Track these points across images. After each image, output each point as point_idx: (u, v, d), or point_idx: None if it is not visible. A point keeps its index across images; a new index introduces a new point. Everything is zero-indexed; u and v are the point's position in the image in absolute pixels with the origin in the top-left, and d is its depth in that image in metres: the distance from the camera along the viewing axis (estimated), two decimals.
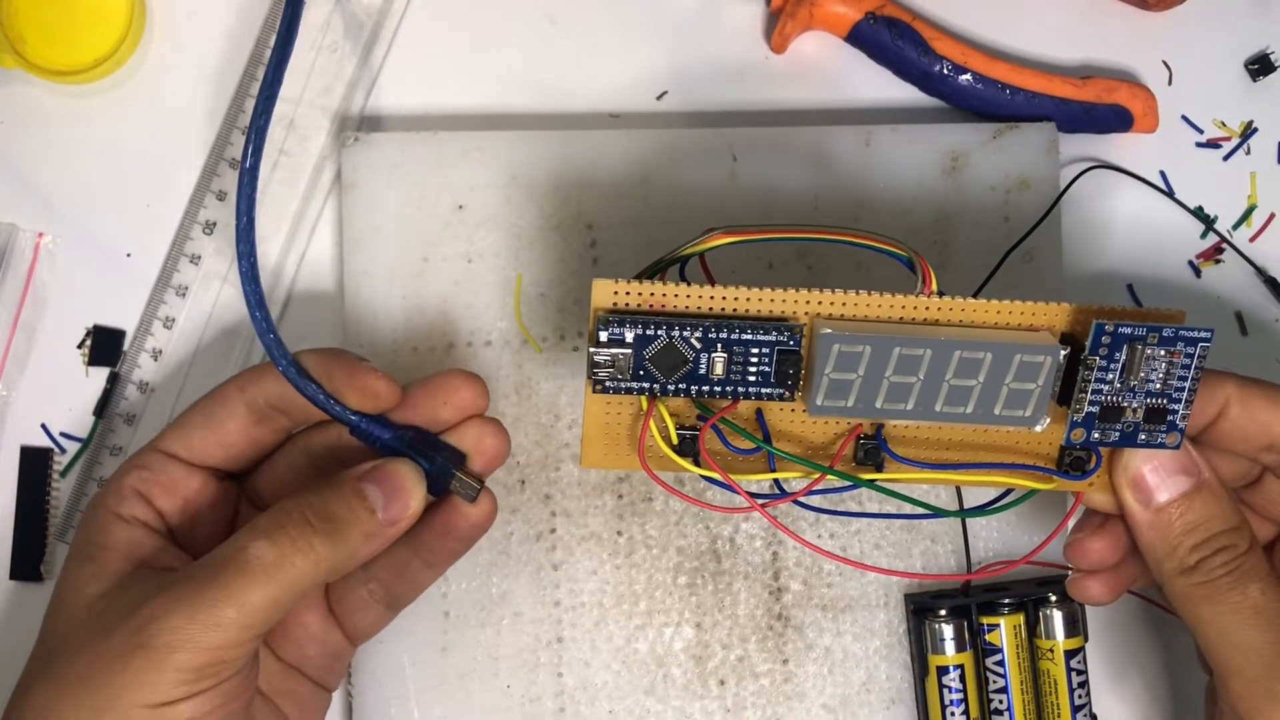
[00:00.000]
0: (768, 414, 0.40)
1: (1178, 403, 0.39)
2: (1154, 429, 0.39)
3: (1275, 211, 0.51)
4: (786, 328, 0.37)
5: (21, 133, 0.50)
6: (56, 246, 0.50)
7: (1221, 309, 0.51)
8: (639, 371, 0.37)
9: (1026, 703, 0.47)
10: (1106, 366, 0.38)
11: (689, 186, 0.49)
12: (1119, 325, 0.37)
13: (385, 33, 0.50)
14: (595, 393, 0.38)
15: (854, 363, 0.37)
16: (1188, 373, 0.38)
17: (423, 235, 0.49)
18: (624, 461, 0.41)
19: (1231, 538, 0.39)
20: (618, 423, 0.40)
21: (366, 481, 0.39)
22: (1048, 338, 0.38)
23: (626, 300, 0.37)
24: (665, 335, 0.37)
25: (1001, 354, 0.37)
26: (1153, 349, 0.38)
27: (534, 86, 0.51)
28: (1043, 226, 0.49)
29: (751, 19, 0.51)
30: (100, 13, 0.48)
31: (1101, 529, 0.42)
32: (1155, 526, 0.40)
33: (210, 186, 0.49)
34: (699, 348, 0.37)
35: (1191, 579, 0.39)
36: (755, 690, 0.48)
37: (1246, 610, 0.39)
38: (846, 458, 0.40)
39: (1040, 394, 0.38)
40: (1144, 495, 0.40)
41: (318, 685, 0.44)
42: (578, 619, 0.48)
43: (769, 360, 0.38)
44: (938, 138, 0.49)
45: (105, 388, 0.49)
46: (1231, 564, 0.39)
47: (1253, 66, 0.51)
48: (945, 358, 0.37)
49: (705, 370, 0.38)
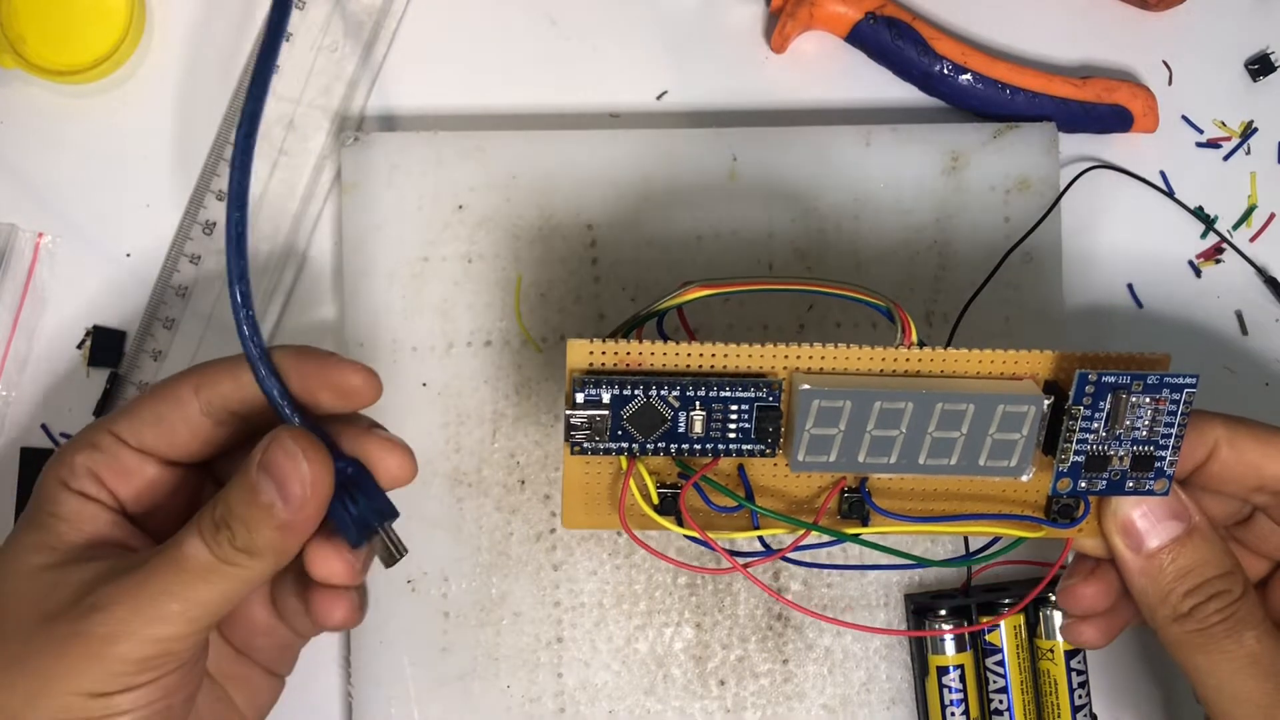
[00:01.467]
0: (750, 469, 0.39)
1: (1165, 449, 0.38)
2: (1142, 476, 0.38)
3: (1275, 211, 0.51)
4: (765, 384, 0.37)
5: (21, 133, 0.50)
6: (56, 246, 0.49)
7: (1221, 309, 0.51)
8: (617, 432, 0.37)
9: (1026, 703, 0.47)
10: (1091, 415, 0.37)
11: (689, 186, 0.49)
12: (1102, 374, 0.37)
13: (385, 33, 0.50)
14: (574, 454, 0.37)
15: (835, 417, 0.37)
16: (1174, 419, 0.37)
17: (423, 235, 0.49)
18: (605, 521, 0.40)
19: (1225, 583, 0.39)
20: (598, 483, 0.40)
21: (261, 474, 0.36)
22: (1031, 387, 0.38)
23: (602, 360, 0.37)
24: (643, 395, 0.37)
25: (984, 405, 0.37)
26: (1138, 396, 0.37)
27: (534, 86, 0.51)
28: (1043, 226, 0.49)
29: (751, 19, 0.51)
30: (100, 13, 0.48)
31: (1093, 575, 0.41)
32: (1147, 573, 0.39)
33: (210, 186, 0.49)
34: (677, 406, 0.37)
35: (1185, 626, 0.39)
36: (755, 690, 0.48)
37: (1242, 659, 0.39)
38: (831, 512, 0.40)
39: (1025, 444, 0.37)
40: (1134, 541, 0.39)
41: (269, 672, 0.43)
42: (578, 619, 0.48)
43: (748, 417, 0.37)
44: (938, 138, 0.49)
45: (105, 388, 0.49)
46: (1225, 610, 0.39)
47: (1253, 66, 0.51)
48: (928, 410, 0.37)
49: (684, 429, 0.37)
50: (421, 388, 0.48)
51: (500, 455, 0.48)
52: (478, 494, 0.48)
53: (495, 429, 0.48)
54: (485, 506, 0.48)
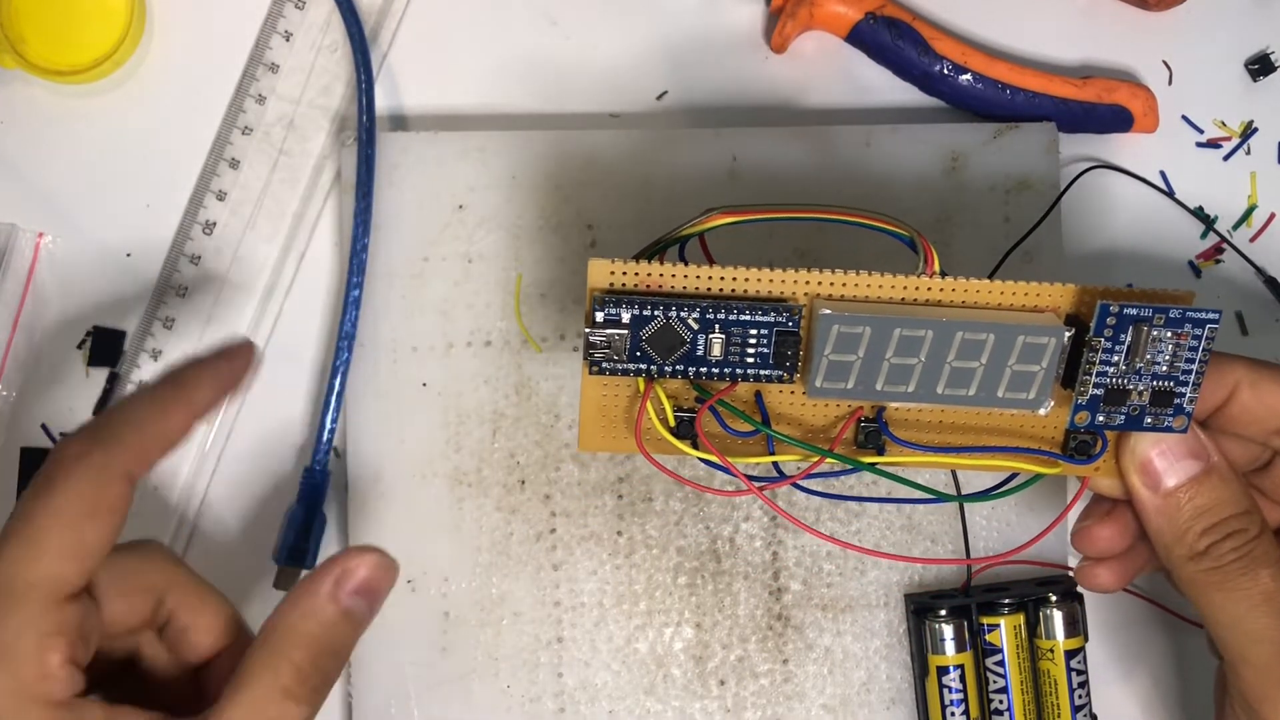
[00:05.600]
0: (767, 396, 0.39)
1: (1185, 385, 0.38)
2: (1161, 412, 0.38)
3: (1275, 211, 0.51)
4: (785, 308, 0.37)
5: (21, 133, 0.50)
6: (56, 246, 0.50)
7: (1222, 309, 0.51)
8: (636, 352, 0.37)
9: (1026, 703, 0.47)
10: (1111, 348, 0.37)
11: (689, 186, 0.49)
12: (1124, 306, 0.37)
13: (385, 33, 0.50)
14: (591, 374, 0.37)
15: (854, 344, 0.37)
16: (1195, 355, 0.37)
17: (423, 235, 0.49)
18: (621, 444, 0.40)
19: (1242, 522, 0.39)
20: (615, 405, 0.40)
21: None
22: (1052, 319, 0.37)
23: (623, 280, 0.37)
24: (662, 316, 0.37)
25: (1005, 335, 0.37)
26: (1159, 330, 0.37)
27: (534, 86, 0.51)
28: (1043, 226, 0.49)
29: (751, 19, 0.51)
30: (100, 13, 0.49)
31: (1109, 515, 0.41)
32: (1164, 512, 0.39)
33: (210, 186, 0.49)
34: (696, 329, 0.37)
35: (1201, 565, 0.39)
36: (755, 690, 0.48)
37: (1257, 596, 0.38)
38: (847, 441, 0.39)
39: (1044, 376, 0.37)
40: (1152, 480, 0.39)
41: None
42: (578, 619, 0.48)
43: (767, 341, 0.37)
44: (938, 138, 0.49)
45: (105, 388, 0.49)
46: (1242, 549, 0.39)
47: (1253, 66, 0.51)
48: (947, 339, 0.37)
49: (703, 351, 0.37)
50: (421, 388, 0.48)
51: (500, 455, 0.48)
52: (478, 494, 0.48)
53: (495, 429, 0.48)
54: (485, 506, 0.48)
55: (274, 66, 0.50)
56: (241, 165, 0.49)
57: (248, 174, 0.49)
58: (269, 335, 0.50)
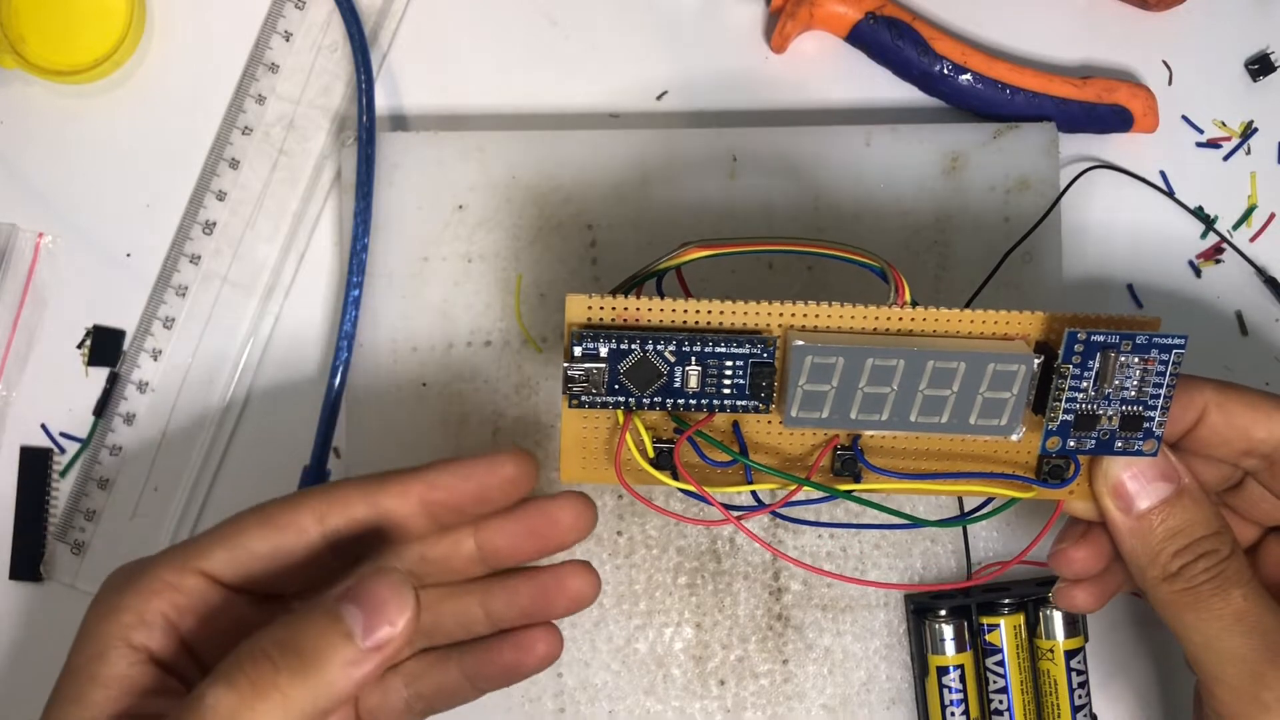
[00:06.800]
0: (744, 426, 0.40)
1: (1154, 409, 0.38)
2: (1131, 436, 0.39)
3: (1275, 211, 0.51)
4: (760, 340, 0.37)
5: (21, 133, 0.50)
6: (56, 246, 0.50)
7: (1221, 309, 0.51)
8: (614, 385, 0.38)
9: (1026, 703, 0.47)
10: (1080, 374, 0.38)
11: (689, 186, 0.49)
12: (1091, 333, 0.37)
13: (385, 33, 0.50)
14: (571, 407, 0.38)
15: (828, 374, 0.37)
16: (1163, 379, 0.38)
17: (423, 235, 0.49)
18: (602, 475, 0.41)
19: (1213, 543, 0.39)
20: (595, 437, 0.40)
21: (344, 601, 0.34)
22: (1021, 346, 0.38)
23: (600, 315, 0.37)
24: (639, 349, 0.37)
25: (975, 363, 0.37)
26: (1126, 356, 0.37)
27: (534, 86, 0.51)
28: (1043, 226, 0.49)
29: (751, 19, 0.51)
30: (100, 13, 0.49)
31: (1084, 538, 0.42)
32: (1137, 534, 0.39)
33: (210, 186, 0.49)
34: (673, 361, 0.37)
35: (1174, 585, 0.39)
36: (755, 690, 0.48)
37: (1229, 617, 0.39)
38: (824, 469, 0.40)
39: (1015, 403, 0.38)
40: (1125, 502, 0.39)
41: None
42: (578, 619, 0.48)
43: (743, 373, 0.38)
44: (938, 138, 0.49)
45: (105, 388, 0.49)
46: (1214, 569, 0.39)
47: (1253, 66, 0.51)
48: (919, 368, 0.37)
49: (680, 383, 0.38)
50: (421, 388, 0.48)
51: None
52: None
53: (495, 429, 0.48)
54: None
55: (274, 66, 0.50)
56: (241, 165, 0.49)
57: (248, 174, 0.49)
58: (269, 335, 0.50)
